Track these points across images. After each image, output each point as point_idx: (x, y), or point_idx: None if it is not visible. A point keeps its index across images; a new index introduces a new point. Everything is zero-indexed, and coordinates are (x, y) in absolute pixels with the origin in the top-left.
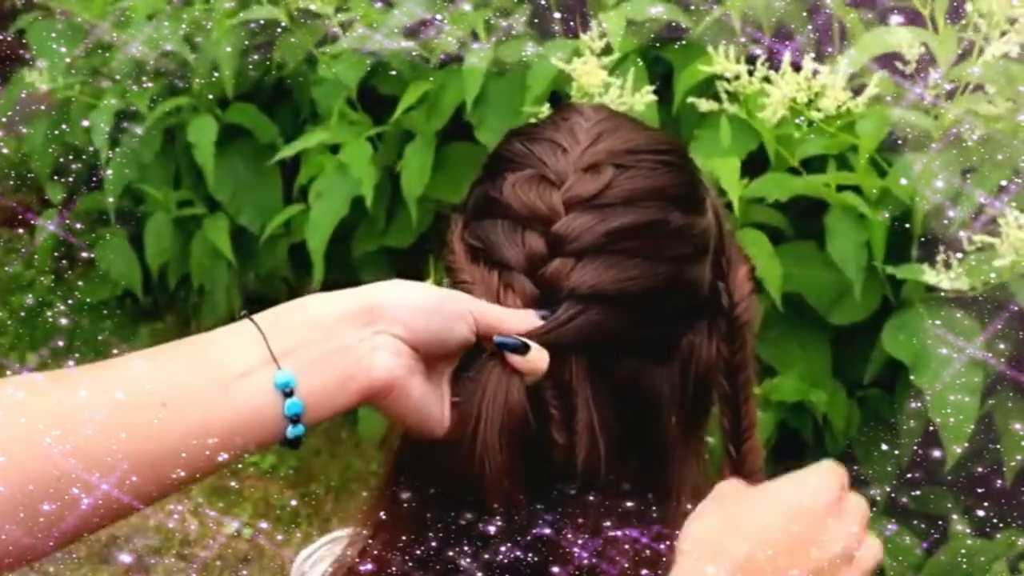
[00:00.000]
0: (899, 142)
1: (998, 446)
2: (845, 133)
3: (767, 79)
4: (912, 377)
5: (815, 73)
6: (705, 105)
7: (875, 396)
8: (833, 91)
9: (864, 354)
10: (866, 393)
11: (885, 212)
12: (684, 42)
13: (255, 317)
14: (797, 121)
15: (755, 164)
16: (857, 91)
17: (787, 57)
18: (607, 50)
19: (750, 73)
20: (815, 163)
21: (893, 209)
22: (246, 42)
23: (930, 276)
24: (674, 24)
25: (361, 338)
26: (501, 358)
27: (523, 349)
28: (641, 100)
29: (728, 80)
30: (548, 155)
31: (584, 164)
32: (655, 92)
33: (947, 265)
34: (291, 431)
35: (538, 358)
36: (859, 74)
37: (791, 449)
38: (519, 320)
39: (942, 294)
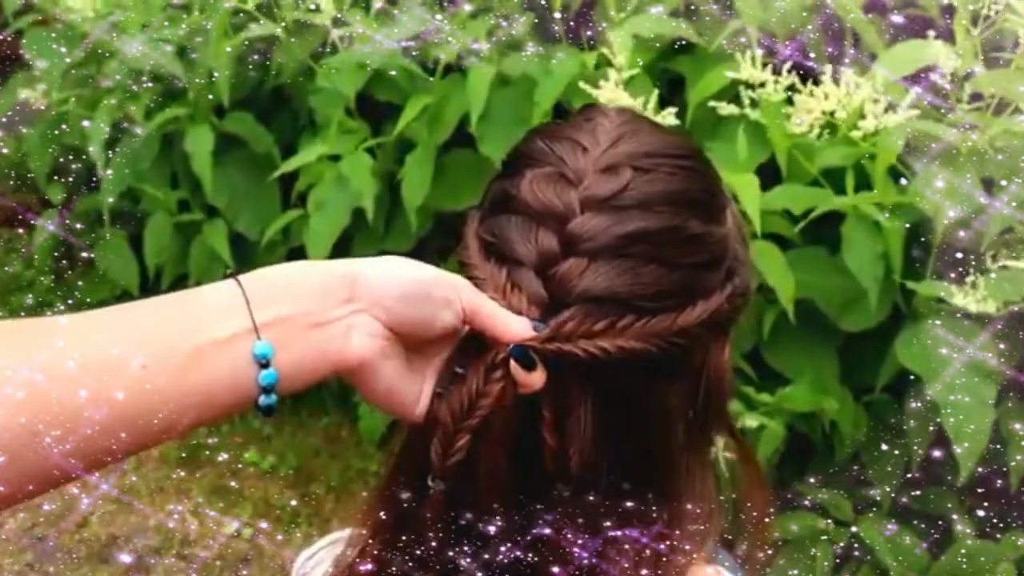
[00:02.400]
0: (911, 148)
1: (1001, 448)
2: (867, 141)
3: (792, 87)
4: (928, 392)
5: (856, 87)
6: (726, 109)
7: (881, 400)
8: (872, 107)
9: (871, 359)
10: (873, 398)
11: (903, 222)
12: (684, 43)
13: (242, 280)
14: (798, 121)
15: (766, 172)
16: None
17: (828, 68)
18: (621, 68)
19: (776, 81)
20: (831, 168)
21: (909, 217)
22: (245, 44)
23: (958, 298)
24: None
25: (340, 315)
26: (505, 362)
27: (532, 365)
28: (663, 122)
29: (752, 87)
30: (568, 154)
31: (603, 165)
32: (667, 101)
33: (974, 285)
34: (263, 400)
35: (537, 377)
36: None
37: (798, 453)
38: (512, 324)
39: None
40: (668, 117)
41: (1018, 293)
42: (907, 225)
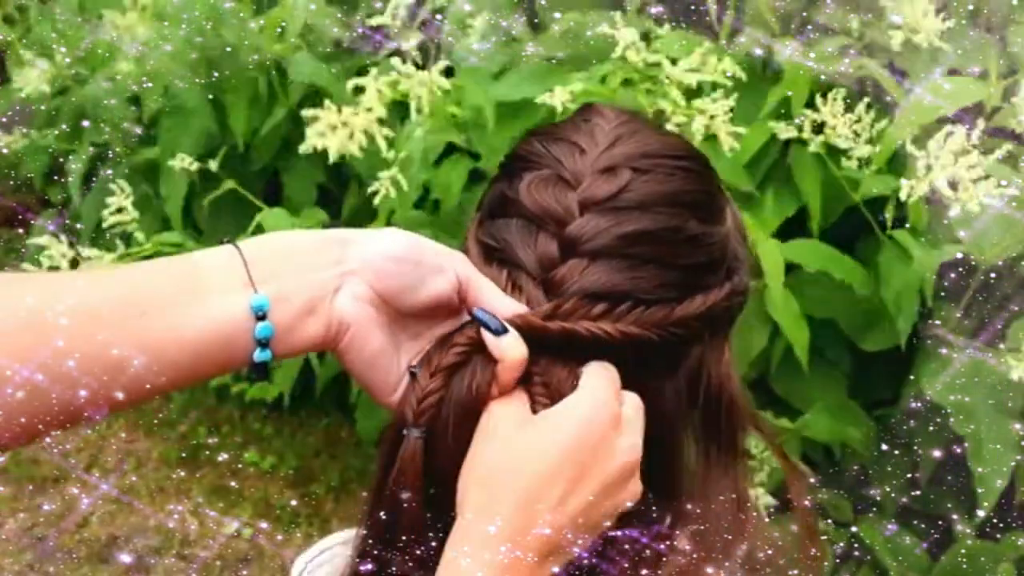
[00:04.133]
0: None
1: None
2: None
3: (858, 121)
4: (955, 427)
5: (928, 170)
6: (785, 132)
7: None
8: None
9: (880, 372)
10: (883, 411)
11: (938, 252)
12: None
13: (239, 243)
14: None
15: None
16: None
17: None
18: None
19: (843, 120)
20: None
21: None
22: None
23: (1016, 371)
24: None
25: (330, 276)
26: (482, 346)
27: (499, 330)
28: None
29: (827, 128)
30: (566, 156)
31: (601, 166)
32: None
33: (1013, 351)
34: (258, 355)
35: (512, 346)
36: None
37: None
38: (505, 300)
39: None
40: None
41: None
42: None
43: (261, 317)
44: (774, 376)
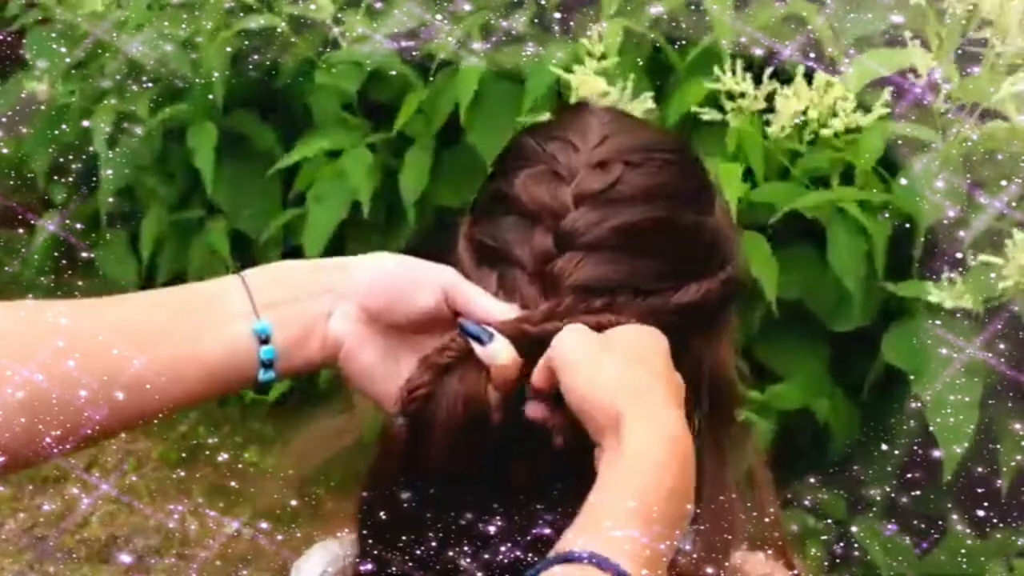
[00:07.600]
0: (904, 152)
1: (996, 446)
2: (848, 146)
3: (773, 93)
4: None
5: (828, 85)
6: (708, 114)
7: (875, 399)
8: (843, 104)
9: (865, 357)
10: (868, 398)
11: (888, 221)
12: (684, 43)
13: (244, 273)
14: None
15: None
16: (865, 107)
17: (800, 68)
18: (605, 55)
19: (756, 85)
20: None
21: (894, 217)
22: (245, 43)
23: (934, 295)
24: (675, 23)
25: (324, 300)
26: (472, 352)
27: (484, 339)
28: (640, 107)
29: (733, 97)
30: (560, 152)
31: (594, 161)
32: (655, 97)
33: (951, 281)
34: (263, 375)
35: (499, 352)
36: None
37: (790, 453)
38: (494, 306)
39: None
40: (646, 102)
41: (995, 288)
42: (896, 224)
43: (264, 341)
44: (757, 342)
